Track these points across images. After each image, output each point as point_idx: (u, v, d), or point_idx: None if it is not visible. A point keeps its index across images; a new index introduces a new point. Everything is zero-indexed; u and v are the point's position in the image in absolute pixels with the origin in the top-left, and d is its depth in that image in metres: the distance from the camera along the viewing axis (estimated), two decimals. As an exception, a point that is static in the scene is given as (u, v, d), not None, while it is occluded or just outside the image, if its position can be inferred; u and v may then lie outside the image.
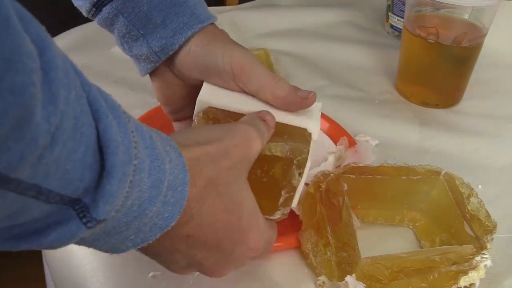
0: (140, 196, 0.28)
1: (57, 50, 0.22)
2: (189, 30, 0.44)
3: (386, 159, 0.60)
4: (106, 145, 0.25)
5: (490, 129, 0.67)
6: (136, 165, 0.27)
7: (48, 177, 0.22)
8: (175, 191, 0.30)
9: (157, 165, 0.29)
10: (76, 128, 0.23)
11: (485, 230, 0.45)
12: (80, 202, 0.25)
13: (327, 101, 0.70)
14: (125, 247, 0.31)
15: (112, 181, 0.25)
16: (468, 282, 0.42)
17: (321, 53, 0.82)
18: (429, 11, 0.67)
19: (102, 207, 0.25)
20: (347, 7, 0.96)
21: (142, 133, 0.29)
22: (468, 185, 0.49)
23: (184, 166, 0.31)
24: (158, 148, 0.30)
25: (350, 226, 0.45)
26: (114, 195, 0.26)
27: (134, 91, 0.69)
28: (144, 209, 0.29)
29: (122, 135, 0.26)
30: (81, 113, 0.24)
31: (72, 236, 0.25)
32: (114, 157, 0.25)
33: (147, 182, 0.28)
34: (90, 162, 0.24)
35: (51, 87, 0.21)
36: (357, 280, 0.41)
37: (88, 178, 0.25)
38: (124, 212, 0.28)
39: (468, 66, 0.69)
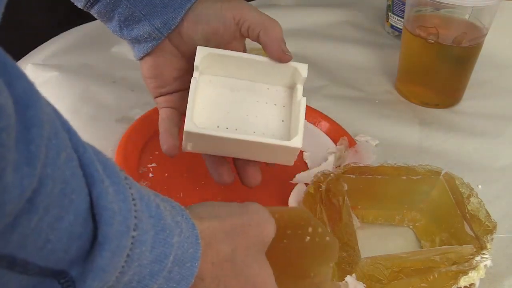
0: (140, 272, 0.26)
1: (45, 107, 0.20)
2: (187, 3, 0.47)
3: (386, 159, 0.60)
4: (99, 213, 0.23)
5: (490, 129, 0.67)
6: (135, 237, 0.24)
7: (25, 247, 0.20)
8: (182, 267, 0.28)
9: (162, 237, 0.26)
10: (64, 194, 0.21)
11: (485, 230, 0.45)
12: (65, 274, 0.23)
13: (327, 101, 0.70)
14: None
15: (104, 254, 0.23)
16: (468, 282, 0.42)
17: (321, 53, 0.82)
18: (429, 11, 0.67)
19: (90, 283, 0.23)
20: (347, 7, 0.96)
21: (148, 201, 0.26)
22: (468, 185, 0.49)
23: (197, 239, 0.29)
24: (166, 218, 0.27)
25: (350, 226, 0.45)
26: (106, 269, 0.23)
27: (134, 91, 0.69)
28: (145, 285, 0.26)
29: (120, 204, 0.24)
30: (72, 177, 0.21)
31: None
32: (108, 227, 0.23)
33: (149, 257, 0.26)
34: (79, 232, 0.22)
35: (30, 146, 0.19)
36: (357, 280, 0.41)
37: (75, 249, 0.22)
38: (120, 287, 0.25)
39: (468, 66, 0.68)
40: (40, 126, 0.19)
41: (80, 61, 0.75)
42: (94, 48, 0.78)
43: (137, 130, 0.58)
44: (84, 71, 0.73)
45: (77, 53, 0.77)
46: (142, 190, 0.26)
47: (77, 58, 0.75)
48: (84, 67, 0.74)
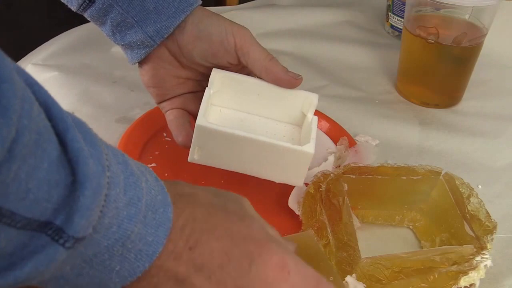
0: (118, 214, 0.26)
1: (11, 64, 0.21)
2: (182, 14, 0.46)
3: (386, 159, 0.60)
4: (75, 155, 0.23)
5: (490, 129, 0.67)
6: (109, 177, 0.25)
7: (8, 196, 0.21)
8: (155, 213, 0.28)
9: (132, 181, 0.27)
10: (37, 144, 0.22)
11: (485, 230, 0.45)
12: (51, 225, 0.23)
13: (327, 101, 0.70)
14: (113, 284, 0.27)
15: (86, 192, 0.24)
16: (468, 282, 0.42)
17: (321, 53, 0.82)
18: (429, 11, 0.67)
19: (78, 222, 0.23)
20: (347, 7, 0.96)
21: (113, 149, 0.27)
22: (468, 185, 0.49)
23: (163, 188, 0.29)
24: (132, 165, 0.28)
25: (350, 226, 0.45)
26: (90, 207, 0.24)
27: (134, 91, 0.69)
28: (125, 229, 0.26)
29: (92, 148, 0.25)
30: (44, 128, 0.22)
31: (50, 262, 0.23)
32: (86, 167, 0.24)
33: (123, 199, 0.26)
34: (56, 179, 0.23)
35: (1, 100, 0.20)
36: (357, 280, 0.41)
37: (56, 197, 0.23)
38: (103, 234, 0.26)
39: (468, 66, 0.69)
40: (11, 81, 0.20)
41: (80, 61, 0.75)
42: (94, 48, 0.78)
43: (137, 130, 0.58)
44: (84, 71, 0.73)
45: (77, 53, 0.77)
46: (107, 143, 0.27)
47: (77, 58, 0.75)
48: (84, 67, 0.74)
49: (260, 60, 0.47)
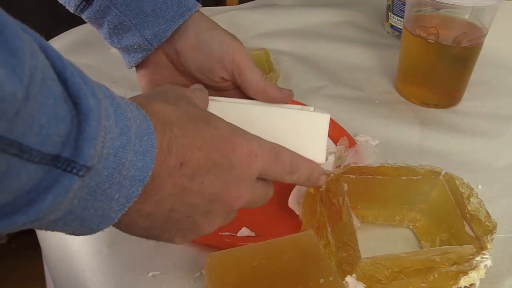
0: (113, 144, 0.28)
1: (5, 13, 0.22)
2: (180, 18, 0.46)
3: (386, 159, 0.60)
4: (76, 90, 0.25)
5: (490, 129, 0.67)
6: (104, 110, 0.27)
7: (26, 132, 0.23)
8: (142, 140, 0.30)
9: (120, 112, 0.29)
10: (43, 82, 0.23)
11: (485, 230, 0.45)
12: (60, 158, 0.25)
13: (327, 101, 0.70)
14: (113, 212, 0.30)
15: (91, 123, 0.25)
16: (468, 282, 0.42)
17: (321, 53, 0.82)
18: (429, 11, 0.67)
19: (87, 151, 0.25)
20: (347, 7, 0.96)
21: (99, 84, 0.29)
22: (468, 185, 0.49)
23: (145, 117, 0.32)
24: (117, 98, 0.30)
25: (350, 226, 0.45)
26: (95, 137, 0.26)
27: (134, 91, 0.69)
28: (120, 157, 0.28)
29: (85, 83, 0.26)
30: (45, 67, 0.24)
31: (67, 191, 0.25)
32: (88, 99, 0.26)
33: (116, 130, 0.28)
34: (63, 114, 0.25)
35: (8, 42, 0.21)
36: (357, 280, 0.41)
37: (63, 130, 0.25)
38: (103, 164, 0.28)
39: (468, 66, 0.69)
40: (12, 24, 0.21)
41: (80, 61, 0.75)
42: (94, 48, 0.78)
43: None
44: (84, 71, 0.73)
45: (77, 53, 0.77)
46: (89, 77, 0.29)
47: (77, 58, 0.76)
48: (84, 67, 0.73)
49: (256, 81, 0.47)
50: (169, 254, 0.47)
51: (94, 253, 0.47)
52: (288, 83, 0.74)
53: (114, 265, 0.46)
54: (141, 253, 0.47)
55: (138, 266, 0.46)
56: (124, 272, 0.45)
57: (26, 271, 1.18)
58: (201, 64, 0.47)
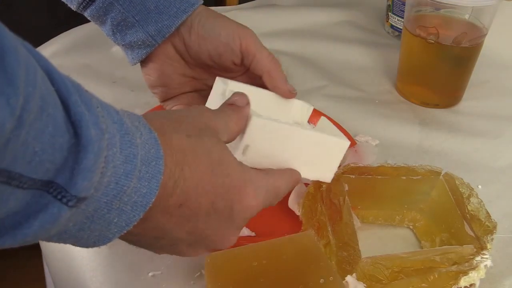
0: (115, 172, 0.28)
1: (10, 35, 0.21)
2: (183, 14, 0.47)
3: (386, 159, 0.60)
4: (78, 119, 0.25)
5: (490, 129, 0.67)
6: (107, 140, 0.27)
7: (17, 160, 0.22)
8: (148, 166, 0.30)
9: (128, 139, 0.29)
10: (42, 109, 0.23)
11: (485, 230, 0.45)
12: (53, 184, 0.24)
13: (327, 101, 0.70)
14: (111, 234, 0.30)
15: (89, 155, 0.25)
16: (469, 282, 0.42)
17: (321, 53, 0.82)
18: (429, 11, 0.67)
19: (80, 183, 0.25)
20: (347, 7, 0.96)
21: (108, 109, 0.29)
22: (468, 185, 0.49)
23: (156, 140, 0.31)
24: (127, 123, 0.29)
25: (351, 226, 0.45)
26: (92, 169, 0.25)
27: (134, 91, 0.69)
28: (122, 185, 0.28)
29: (88, 112, 0.26)
30: (47, 93, 0.23)
31: (55, 220, 0.25)
32: (88, 131, 0.25)
33: (120, 158, 0.28)
34: (60, 142, 0.24)
35: (7, 70, 0.20)
36: (358, 280, 0.41)
37: (59, 158, 0.24)
38: (102, 191, 0.27)
39: (468, 66, 0.69)
40: (13, 51, 0.21)
41: (80, 61, 0.75)
42: (94, 48, 0.78)
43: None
44: (84, 71, 0.73)
45: (77, 53, 0.77)
46: (101, 101, 0.29)
47: (77, 58, 0.76)
48: (84, 67, 0.74)
49: (264, 62, 0.48)
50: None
51: (94, 253, 0.47)
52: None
53: (114, 265, 0.46)
54: (141, 253, 0.46)
55: (138, 266, 0.46)
56: (124, 272, 0.45)
57: (26, 271, 1.18)
58: (210, 52, 0.48)
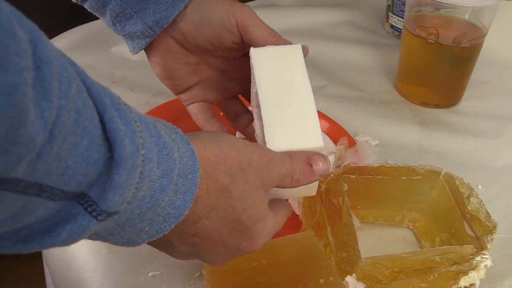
0: (151, 187, 0.28)
1: (49, 45, 0.21)
2: (181, 3, 0.47)
3: (386, 159, 0.60)
4: (112, 136, 0.25)
5: (490, 129, 0.67)
6: (143, 155, 0.27)
7: (49, 174, 0.22)
8: (185, 179, 0.30)
9: (165, 153, 0.29)
10: (77, 123, 0.23)
11: (485, 230, 0.45)
12: (85, 196, 0.24)
13: (327, 101, 0.70)
14: (140, 239, 0.30)
15: (121, 172, 0.25)
16: (468, 282, 0.42)
17: (321, 53, 0.82)
18: (429, 11, 0.67)
19: (111, 199, 0.25)
20: (347, 7, 0.96)
21: (146, 123, 0.29)
22: (468, 185, 0.49)
23: (193, 153, 0.31)
24: (164, 137, 0.29)
25: (350, 226, 0.45)
26: (124, 186, 0.25)
27: (134, 91, 0.69)
28: (156, 199, 0.28)
29: (126, 127, 0.26)
30: (83, 106, 0.23)
31: (83, 231, 0.25)
32: (122, 147, 0.25)
33: (157, 172, 0.28)
34: (95, 156, 0.24)
35: (43, 83, 0.20)
36: (357, 280, 0.41)
37: (93, 172, 0.24)
38: (137, 204, 0.27)
39: (468, 66, 0.69)
40: (50, 63, 0.21)
41: (80, 61, 0.75)
42: (94, 48, 0.78)
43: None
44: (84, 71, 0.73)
45: (77, 53, 0.77)
46: (140, 114, 0.29)
47: (77, 58, 0.75)
48: (84, 67, 0.73)
49: (263, 37, 0.47)
50: (169, 254, 0.47)
51: (94, 253, 0.47)
52: (288, 83, 0.74)
53: (114, 265, 0.46)
54: (141, 253, 0.47)
55: (138, 266, 0.46)
56: (124, 272, 0.45)
57: (26, 271, 1.18)
58: (209, 38, 0.48)
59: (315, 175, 0.38)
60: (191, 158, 0.31)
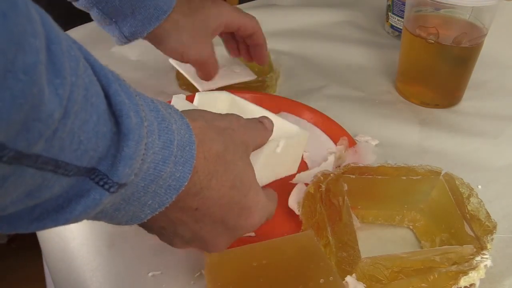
0: (154, 158, 0.29)
1: (55, 25, 0.22)
2: (156, 21, 0.54)
3: (386, 159, 0.60)
4: (118, 109, 0.26)
5: (490, 129, 0.67)
6: (147, 127, 0.28)
7: (64, 149, 0.23)
8: (183, 151, 0.31)
9: (164, 126, 0.30)
10: (86, 99, 0.23)
11: (485, 230, 0.45)
12: (95, 171, 0.25)
13: (327, 101, 0.70)
14: (144, 214, 0.31)
15: (130, 143, 0.26)
16: (468, 282, 0.42)
17: (321, 53, 0.82)
18: (429, 11, 0.67)
19: (122, 170, 0.26)
20: (347, 7, 0.96)
21: (144, 97, 0.30)
22: (468, 185, 0.49)
23: (188, 126, 0.32)
24: (161, 110, 0.30)
25: (350, 226, 0.45)
26: (133, 157, 0.26)
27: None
28: (159, 170, 0.29)
29: (129, 100, 0.27)
30: (90, 83, 0.24)
31: (97, 205, 0.26)
32: (128, 119, 0.26)
33: (159, 144, 0.29)
34: (103, 131, 0.25)
35: (54, 60, 0.21)
36: (357, 280, 0.41)
37: (102, 146, 0.25)
38: (142, 176, 0.28)
39: (468, 66, 0.69)
40: (58, 42, 0.21)
41: (80, 61, 0.75)
42: (94, 48, 0.78)
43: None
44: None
45: (77, 53, 0.77)
46: (137, 91, 0.30)
47: (77, 58, 0.75)
48: (84, 67, 0.74)
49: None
50: (169, 254, 0.47)
51: (94, 253, 0.47)
52: (288, 83, 0.74)
53: (114, 265, 0.46)
54: (141, 253, 0.47)
55: (138, 266, 0.46)
56: (124, 272, 0.45)
57: (26, 271, 1.18)
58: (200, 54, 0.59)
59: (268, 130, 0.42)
60: (187, 131, 0.32)
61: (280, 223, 0.50)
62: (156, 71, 0.74)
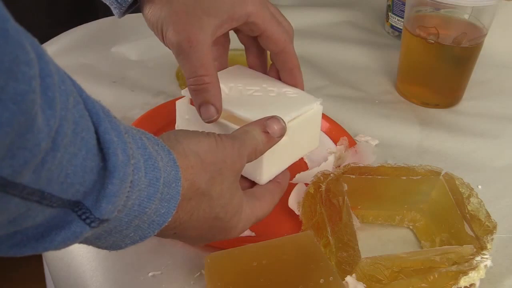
0: (139, 196, 0.29)
1: (49, 58, 0.23)
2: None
3: (386, 159, 0.60)
4: (106, 146, 0.26)
5: (490, 129, 0.67)
6: (133, 165, 0.28)
7: (51, 181, 0.23)
8: (170, 188, 0.31)
9: (151, 163, 0.30)
10: (75, 133, 0.24)
11: (485, 230, 0.45)
12: (80, 204, 0.25)
13: (327, 101, 0.70)
14: (124, 244, 0.32)
15: (114, 181, 0.26)
16: (469, 282, 0.42)
17: (321, 53, 0.82)
18: (429, 11, 0.67)
19: (105, 207, 0.26)
20: (347, 7, 0.96)
21: (133, 134, 0.30)
22: (468, 185, 0.49)
23: (174, 162, 0.32)
24: (149, 148, 0.31)
25: (350, 226, 0.45)
26: (116, 194, 0.26)
27: (134, 91, 0.69)
28: (144, 207, 0.30)
29: (117, 138, 0.27)
30: (80, 118, 0.24)
31: (76, 237, 0.26)
32: (115, 157, 0.26)
33: (145, 181, 0.29)
34: (91, 165, 0.25)
35: (48, 92, 0.21)
36: (357, 280, 0.41)
37: (88, 181, 0.25)
38: (126, 212, 0.29)
39: (468, 66, 0.69)
40: (51, 75, 0.22)
41: (80, 61, 0.75)
42: (94, 48, 0.78)
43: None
44: (84, 71, 0.73)
45: (77, 53, 0.77)
46: (127, 126, 0.30)
47: (77, 58, 0.76)
48: (84, 67, 0.74)
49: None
50: (169, 254, 0.47)
51: (94, 253, 0.47)
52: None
53: (114, 265, 0.46)
54: (141, 253, 0.47)
55: (138, 266, 0.46)
56: (124, 272, 0.45)
57: (26, 271, 1.18)
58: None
59: (274, 139, 0.40)
60: (173, 168, 0.32)
61: (280, 223, 0.50)
62: (156, 71, 0.74)
